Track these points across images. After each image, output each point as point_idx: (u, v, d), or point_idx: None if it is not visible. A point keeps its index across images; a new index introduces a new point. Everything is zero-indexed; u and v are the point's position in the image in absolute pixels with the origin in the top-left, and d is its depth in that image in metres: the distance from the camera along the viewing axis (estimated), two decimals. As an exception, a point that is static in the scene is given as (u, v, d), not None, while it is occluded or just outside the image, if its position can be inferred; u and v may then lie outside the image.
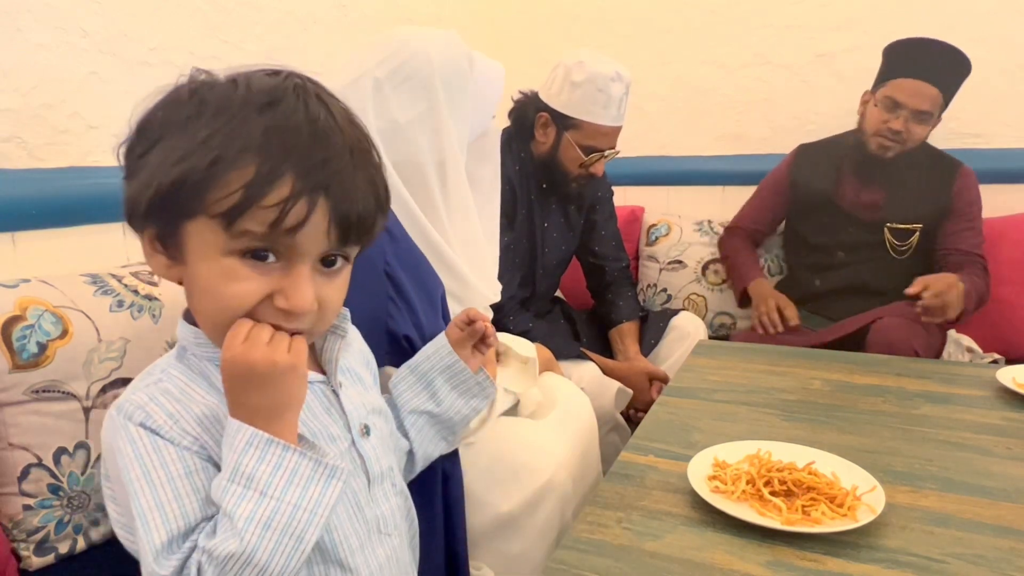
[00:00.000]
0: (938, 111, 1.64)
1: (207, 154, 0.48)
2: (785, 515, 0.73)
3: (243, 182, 0.48)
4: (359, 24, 1.84)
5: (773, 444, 0.89)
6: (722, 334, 2.11)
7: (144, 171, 0.51)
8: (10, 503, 0.94)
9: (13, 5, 1.12)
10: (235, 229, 0.49)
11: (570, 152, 1.61)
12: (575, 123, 1.58)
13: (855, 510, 0.75)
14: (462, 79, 0.99)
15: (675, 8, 2.27)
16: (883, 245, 1.74)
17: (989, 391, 1.13)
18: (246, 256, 0.51)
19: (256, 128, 0.49)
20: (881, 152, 1.68)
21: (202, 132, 0.49)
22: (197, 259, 0.52)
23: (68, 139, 1.21)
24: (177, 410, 0.53)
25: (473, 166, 1.07)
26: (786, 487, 0.79)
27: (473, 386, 0.76)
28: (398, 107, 0.95)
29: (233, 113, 0.50)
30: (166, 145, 0.50)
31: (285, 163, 0.48)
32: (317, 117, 0.51)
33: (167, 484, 0.51)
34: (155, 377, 0.56)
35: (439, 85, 0.96)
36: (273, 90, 0.51)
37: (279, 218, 0.48)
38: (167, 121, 0.52)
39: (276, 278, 0.51)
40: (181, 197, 0.49)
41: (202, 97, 0.52)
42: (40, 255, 1.15)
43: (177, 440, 0.52)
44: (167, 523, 0.50)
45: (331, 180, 0.50)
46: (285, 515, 0.49)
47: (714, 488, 0.80)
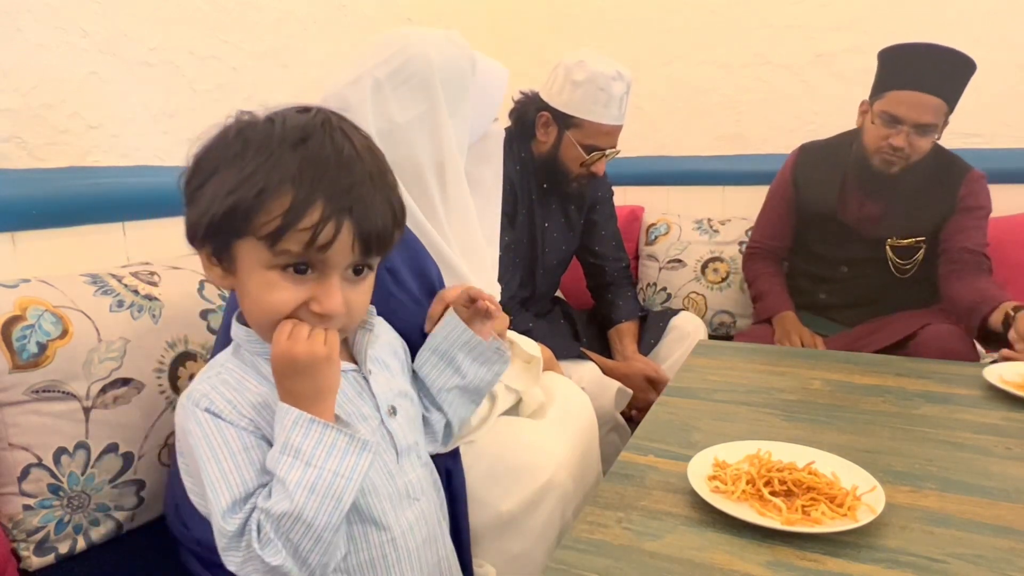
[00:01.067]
0: (943, 119, 1.56)
1: (253, 186, 0.58)
2: (785, 515, 0.73)
3: (282, 209, 0.58)
4: (359, 24, 1.84)
5: (773, 444, 0.89)
6: (722, 332, 2.12)
7: (202, 200, 0.61)
8: (10, 503, 0.94)
9: (13, 5, 1.12)
10: (277, 248, 0.59)
11: (571, 151, 1.61)
12: (576, 122, 1.59)
13: (855, 510, 0.75)
14: (463, 80, 0.99)
15: (675, 8, 2.27)
16: (886, 263, 1.69)
17: (989, 391, 1.13)
18: (286, 269, 0.61)
19: (292, 162, 0.59)
20: (885, 168, 1.61)
21: (248, 167, 0.59)
22: (246, 272, 0.62)
23: (68, 139, 1.21)
24: (234, 397, 0.63)
25: (474, 168, 1.07)
26: (786, 487, 0.79)
27: (492, 354, 0.83)
28: (397, 108, 0.95)
29: (272, 149, 0.60)
30: (219, 178, 0.60)
31: (316, 191, 0.59)
32: (342, 149, 0.61)
33: (229, 458, 0.61)
34: (215, 371, 0.66)
35: (439, 86, 0.96)
36: (305, 127, 0.62)
37: (312, 238, 0.59)
38: (218, 157, 0.62)
39: (311, 287, 0.62)
40: (233, 222, 0.60)
41: (246, 136, 0.62)
42: (40, 255, 1.15)
43: (235, 422, 0.62)
44: (230, 489, 0.61)
45: (354, 203, 0.60)
46: (326, 481, 0.59)
47: (714, 488, 0.80)
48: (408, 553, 0.72)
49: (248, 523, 0.60)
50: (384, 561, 0.71)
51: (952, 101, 1.55)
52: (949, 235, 1.66)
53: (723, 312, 2.10)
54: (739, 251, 2.10)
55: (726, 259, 2.10)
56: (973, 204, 1.64)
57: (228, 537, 0.60)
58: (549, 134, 1.63)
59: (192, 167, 0.63)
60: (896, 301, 1.70)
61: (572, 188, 1.69)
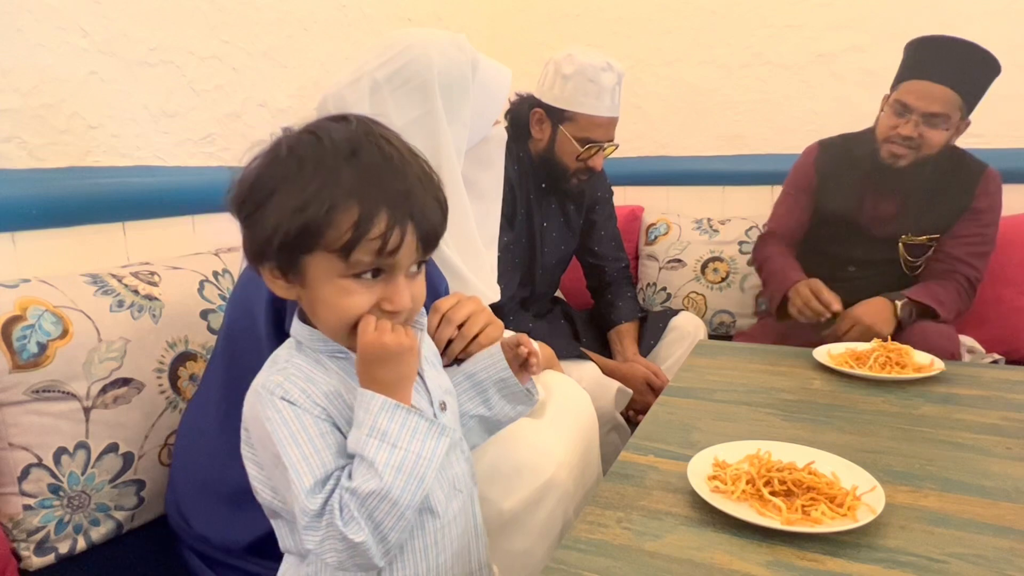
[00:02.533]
0: (958, 113, 1.52)
1: (321, 204, 0.61)
2: (785, 515, 0.73)
3: (351, 223, 0.62)
4: (359, 24, 1.84)
5: (773, 444, 0.89)
6: (721, 332, 2.12)
7: (264, 221, 0.63)
8: (10, 503, 0.94)
9: (13, 5, 1.12)
10: (351, 260, 0.63)
11: (566, 145, 1.61)
12: (569, 116, 1.58)
13: (855, 510, 0.74)
14: (463, 85, 0.99)
15: (675, 8, 2.27)
16: (895, 261, 1.67)
17: (989, 391, 1.13)
18: (358, 276, 0.65)
19: (350, 176, 0.62)
20: (892, 161, 1.58)
21: (310, 185, 0.62)
22: (318, 283, 0.65)
23: (68, 139, 1.21)
24: (307, 387, 0.66)
25: (473, 172, 1.07)
26: (786, 487, 0.79)
27: (522, 396, 0.85)
28: (395, 110, 0.95)
29: (328, 165, 0.63)
30: (280, 198, 0.63)
31: (379, 202, 0.62)
32: (391, 156, 0.65)
33: (308, 442, 0.64)
34: (282, 364, 0.69)
35: (437, 90, 0.96)
36: (351, 139, 0.65)
37: (383, 247, 0.63)
38: (275, 177, 0.64)
39: (379, 288, 0.66)
40: (304, 239, 0.63)
41: (299, 155, 0.64)
42: (40, 255, 1.15)
43: (310, 409, 0.65)
44: (312, 470, 0.63)
45: (413, 208, 0.64)
46: (411, 461, 0.63)
47: (714, 488, 0.80)
48: (451, 542, 0.75)
49: (330, 502, 0.62)
50: (436, 547, 0.74)
51: (968, 95, 1.52)
52: (948, 238, 1.64)
53: (723, 312, 2.10)
54: (739, 251, 2.10)
55: (726, 259, 2.10)
56: (985, 205, 1.62)
57: (310, 516, 0.62)
58: (544, 131, 1.63)
59: (246, 189, 0.65)
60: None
61: (571, 185, 1.68)
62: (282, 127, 0.68)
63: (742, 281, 2.08)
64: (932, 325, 1.52)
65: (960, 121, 1.55)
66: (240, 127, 1.54)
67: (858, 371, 1.20)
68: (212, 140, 1.48)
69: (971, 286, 1.61)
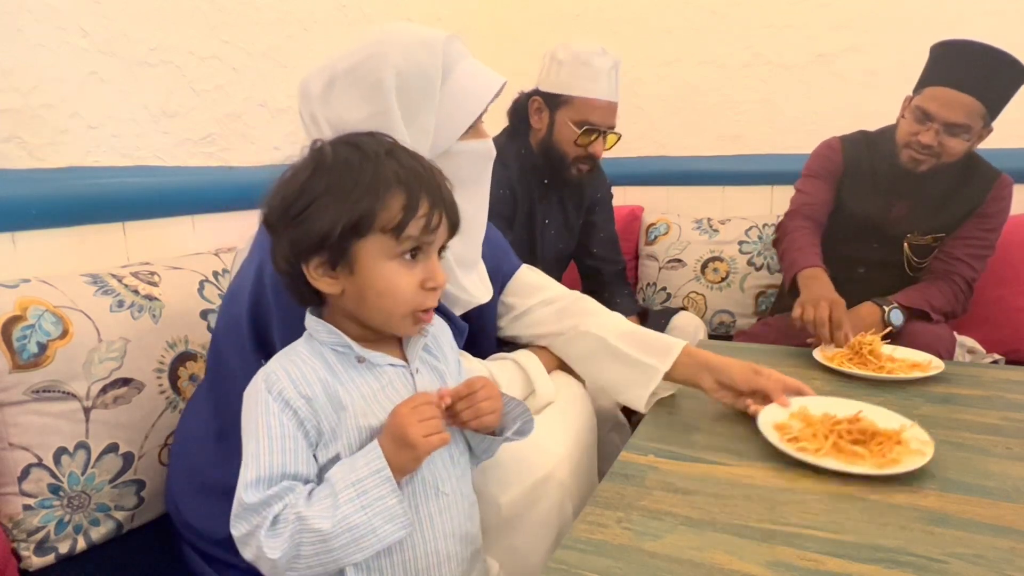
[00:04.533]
0: (980, 122, 1.50)
1: (376, 191, 0.70)
2: (870, 460, 0.84)
3: (401, 205, 0.71)
4: (359, 24, 1.84)
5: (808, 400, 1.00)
6: (721, 332, 2.12)
7: (320, 216, 0.69)
8: (10, 503, 0.94)
9: (13, 5, 1.12)
10: (402, 236, 0.71)
11: (564, 131, 1.60)
12: (565, 99, 1.59)
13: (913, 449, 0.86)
14: (424, 89, 0.94)
15: (675, 8, 2.27)
16: (900, 263, 1.67)
17: (989, 391, 1.13)
18: (404, 256, 0.72)
19: (392, 169, 0.71)
20: (913, 166, 1.56)
21: (364, 178, 0.70)
22: (369, 266, 0.72)
23: (68, 139, 1.21)
24: (298, 375, 0.71)
25: None
26: (853, 437, 0.87)
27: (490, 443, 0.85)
28: (346, 105, 0.92)
29: (375, 161, 0.72)
30: (337, 193, 0.70)
31: (420, 189, 0.72)
32: (416, 158, 0.75)
33: (267, 439, 0.68)
34: (286, 351, 0.76)
35: (392, 90, 0.92)
36: (382, 142, 0.75)
37: (427, 224, 0.72)
38: (325, 178, 0.71)
39: (420, 269, 0.74)
40: (362, 224, 0.70)
41: (345, 157, 0.72)
42: (40, 255, 1.15)
43: (290, 401, 0.70)
44: (259, 466, 0.67)
45: (443, 197, 0.74)
46: (365, 531, 0.67)
47: (799, 448, 0.88)
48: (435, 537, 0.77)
49: (269, 507, 0.66)
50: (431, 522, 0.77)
51: (992, 104, 1.48)
52: (953, 238, 1.64)
53: (723, 312, 2.10)
54: (739, 251, 2.10)
55: (726, 259, 2.10)
56: (993, 211, 1.61)
57: (242, 507, 0.66)
58: (543, 119, 1.63)
59: (293, 194, 0.71)
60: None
61: (571, 175, 1.67)
62: (315, 140, 0.76)
63: (742, 281, 2.08)
64: (925, 326, 1.52)
65: (983, 129, 1.53)
66: (240, 127, 1.54)
67: (858, 371, 1.20)
68: (212, 140, 1.48)
69: (968, 287, 1.61)
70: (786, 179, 2.07)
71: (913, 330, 1.50)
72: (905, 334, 1.49)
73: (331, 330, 0.75)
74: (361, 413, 0.73)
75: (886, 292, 1.58)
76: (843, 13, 2.07)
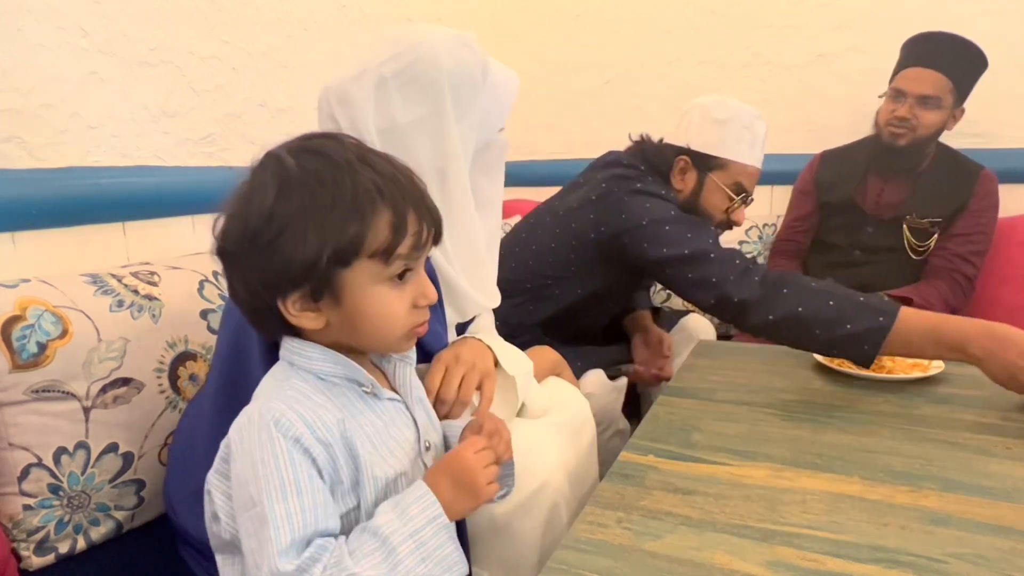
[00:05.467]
0: (950, 97, 1.68)
1: (360, 212, 0.61)
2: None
3: (389, 225, 0.63)
4: (359, 24, 1.84)
5: None
6: (722, 332, 2.11)
7: (295, 244, 0.61)
8: (10, 503, 0.94)
9: (13, 5, 1.12)
10: (392, 258, 0.64)
11: (716, 195, 1.50)
12: (721, 163, 1.48)
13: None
14: (472, 86, 0.96)
15: (675, 8, 2.27)
16: (901, 247, 1.76)
17: (989, 391, 1.13)
18: (392, 279, 0.66)
19: (370, 179, 0.62)
20: (892, 140, 1.73)
21: (344, 194, 0.61)
22: (358, 294, 0.65)
23: (68, 139, 1.21)
24: (314, 418, 0.63)
25: (476, 179, 1.03)
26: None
27: None
28: (400, 107, 0.93)
29: (350, 171, 0.62)
30: (311, 220, 0.61)
31: (404, 203, 0.64)
32: (387, 159, 0.66)
33: (297, 496, 0.60)
34: (277, 388, 0.66)
35: (446, 90, 0.93)
36: (347, 146, 0.65)
37: (416, 242, 0.65)
38: (296, 199, 0.61)
39: (410, 288, 0.68)
40: (348, 250, 0.62)
41: (315, 171, 0.62)
42: (40, 255, 1.15)
43: (310, 448, 0.62)
44: (293, 529, 0.59)
45: (428, 207, 0.67)
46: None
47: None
48: None
49: (307, 573, 0.58)
50: None
51: (958, 81, 1.67)
52: (948, 237, 1.73)
53: (723, 312, 2.10)
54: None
55: (726, 259, 2.10)
56: (981, 205, 1.73)
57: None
58: (687, 181, 1.51)
59: (259, 221, 0.61)
60: (900, 286, 1.72)
61: None
62: (256, 160, 0.66)
63: (742, 281, 2.07)
64: None
65: (954, 108, 1.71)
66: (240, 127, 1.54)
67: (858, 371, 1.20)
68: (212, 140, 1.48)
69: (968, 282, 1.71)
70: (786, 179, 2.08)
71: None
72: None
73: (338, 359, 0.68)
74: (375, 463, 0.67)
75: (891, 276, 1.73)
76: (843, 13, 2.07)
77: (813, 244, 1.96)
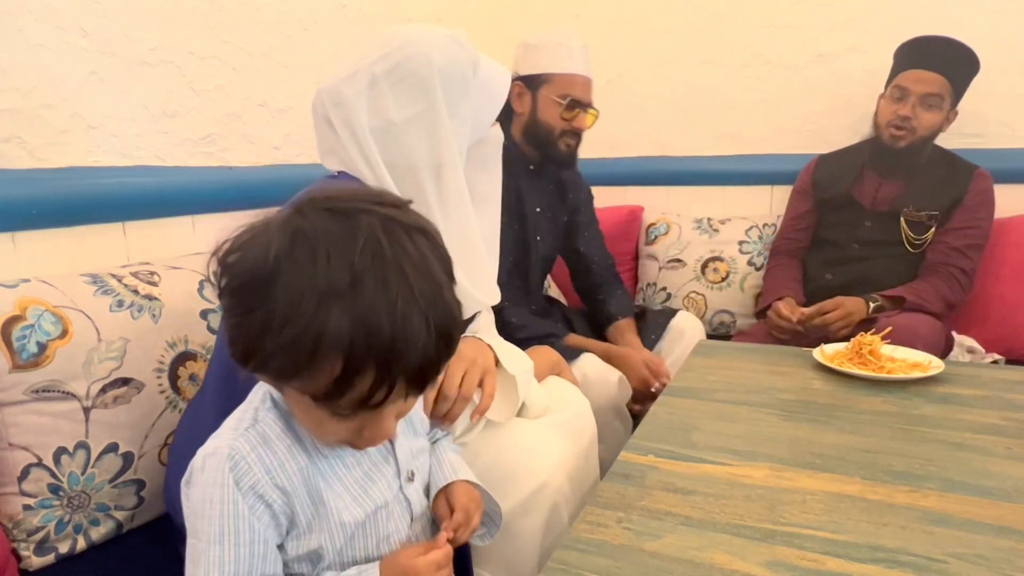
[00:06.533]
0: (948, 98, 1.71)
1: (304, 348, 0.52)
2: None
3: (332, 377, 0.53)
4: (359, 24, 1.84)
5: None
6: (722, 332, 2.12)
7: (250, 332, 0.54)
8: (10, 503, 0.94)
9: (13, 5, 1.12)
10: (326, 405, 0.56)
11: (549, 107, 1.64)
12: (545, 78, 1.63)
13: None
14: (463, 82, 0.98)
15: (675, 8, 2.27)
16: (899, 240, 1.78)
17: (989, 391, 1.13)
18: (335, 413, 0.58)
19: (340, 319, 0.52)
20: (893, 142, 1.75)
21: (298, 318, 0.52)
22: (293, 402, 0.61)
23: (68, 139, 1.21)
24: (273, 463, 0.62)
25: (472, 174, 1.05)
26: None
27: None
28: (394, 105, 0.94)
29: (319, 300, 0.52)
30: (265, 319, 0.53)
31: (367, 357, 0.53)
32: (395, 301, 0.53)
33: (233, 547, 0.60)
34: (248, 423, 0.64)
35: (438, 86, 0.94)
36: (352, 265, 0.53)
37: (364, 401, 0.55)
38: (262, 289, 0.53)
39: (361, 419, 0.59)
40: (283, 373, 0.55)
41: (288, 278, 0.53)
42: (40, 255, 1.15)
43: (263, 496, 0.61)
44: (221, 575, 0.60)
45: (409, 362, 0.54)
46: None
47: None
48: None
49: None
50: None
51: (956, 82, 1.70)
52: (944, 232, 1.74)
53: (723, 312, 2.10)
54: (739, 251, 2.10)
55: (726, 259, 2.10)
56: (976, 201, 1.74)
57: None
58: (524, 103, 1.66)
59: (237, 286, 0.55)
60: (899, 281, 1.74)
61: (560, 150, 1.67)
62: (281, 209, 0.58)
63: (742, 281, 2.08)
64: (919, 318, 1.59)
65: (950, 110, 1.73)
66: (240, 127, 1.54)
67: (858, 371, 1.20)
68: (212, 140, 1.48)
69: (965, 276, 1.73)
70: (786, 179, 2.08)
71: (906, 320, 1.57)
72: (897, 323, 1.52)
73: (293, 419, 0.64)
74: (344, 507, 0.66)
75: (889, 270, 1.76)
76: (843, 13, 2.07)
77: (812, 241, 1.97)
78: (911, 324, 1.54)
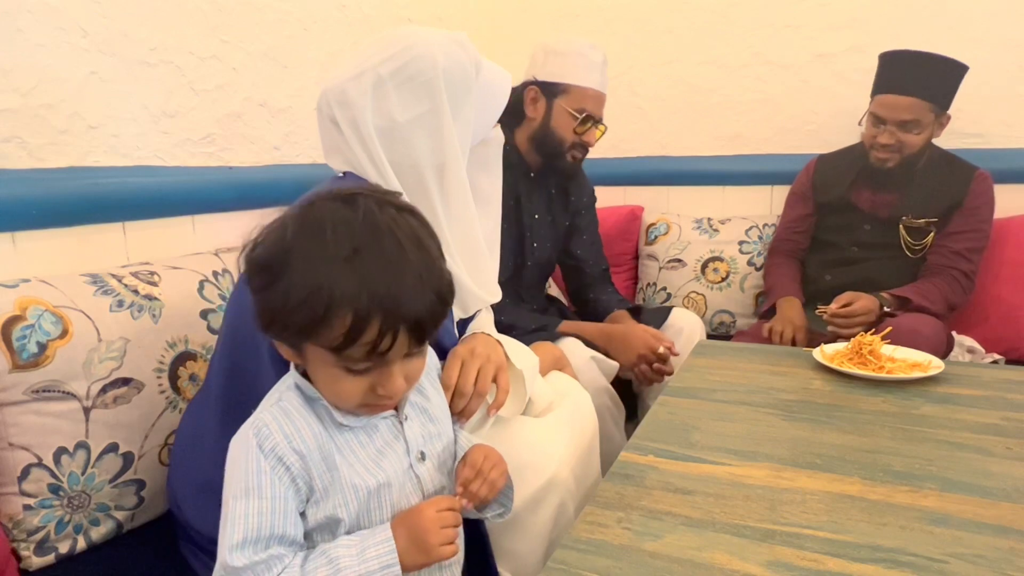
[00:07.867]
0: (930, 115, 1.68)
1: (319, 306, 0.62)
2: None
3: (344, 328, 0.62)
4: (359, 24, 1.84)
5: None
6: (722, 332, 2.12)
7: (273, 301, 0.64)
8: (10, 503, 0.94)
9: (13, 5, 1.12)
10: (341, 356, 0.64)
11: (563, 118, 1.64)
12: (563, 88, 1.63)
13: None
14: (466, 83, 0.99)
15: (675, 8, 2.27)
16: (898, 244, 1.78)
17: (989, 391, 1.13)
18: (346, 368, 0.66)
19: (347, 279, 0.62)
20: (880, 164, 1.75)
21: (311, 282, 0.62)
22: (314, 366, 0.68)
23: (68, 139, 1.21)
24: (291, 430, 0.68)
25: (474, 175, 1.06)
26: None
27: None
28: (398, 106, 0.95)
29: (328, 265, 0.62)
30: (284, 287, 0.63)
31: (373, 310, 0.62)
32: (392, 257, 0.64)
33: (258, 501, 0.66)
34: (274, 399, 0.72)
35: (442, 87, 0.95)
36: (353, 235, 0.63)
37: (373, 349, 0.64)
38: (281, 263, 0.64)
39: (373, 376, 0.67)
40: (301, 331, 0.64)
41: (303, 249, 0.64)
42: (40, 255, 1.15)
43: (284, 457, 0.67)
44: (247, 529, 0.65)
45: (408, 312, 0.64)
46: None
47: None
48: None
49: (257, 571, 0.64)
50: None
51: (935, 99, 1.67)
52: (945, 235, 1.74)
53: (723, 312, 2.10)
54: (739, 251, 2.10)
55: (726, 259, 2.10)
56: (977, 204, 1.73)
57: (228, 570, 0.64)
58: (538, 109, 1.66)
59: (258, 265, 0.66)
60: (898, 284, 1.73)
61: (566, 162, 1.68)
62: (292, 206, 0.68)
63: (742, 281, 2.08)
64: (921, 319, 1.59)
65: (935, 122, 1.71)
66: (240, 127, 1.54)
67: (858, 371, 1.20)
68: (212, 140, 1.48)
69: (967, 279, 1.73)
70: (786, 179, 2.08)
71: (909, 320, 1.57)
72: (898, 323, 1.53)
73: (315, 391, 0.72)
74: (356, 473, 0.71)
75: (889, 272, 1.77)
76: (843, 13, 2.07)
77: (811, 243, 1.97)
78: (914, 324, 1.53)
